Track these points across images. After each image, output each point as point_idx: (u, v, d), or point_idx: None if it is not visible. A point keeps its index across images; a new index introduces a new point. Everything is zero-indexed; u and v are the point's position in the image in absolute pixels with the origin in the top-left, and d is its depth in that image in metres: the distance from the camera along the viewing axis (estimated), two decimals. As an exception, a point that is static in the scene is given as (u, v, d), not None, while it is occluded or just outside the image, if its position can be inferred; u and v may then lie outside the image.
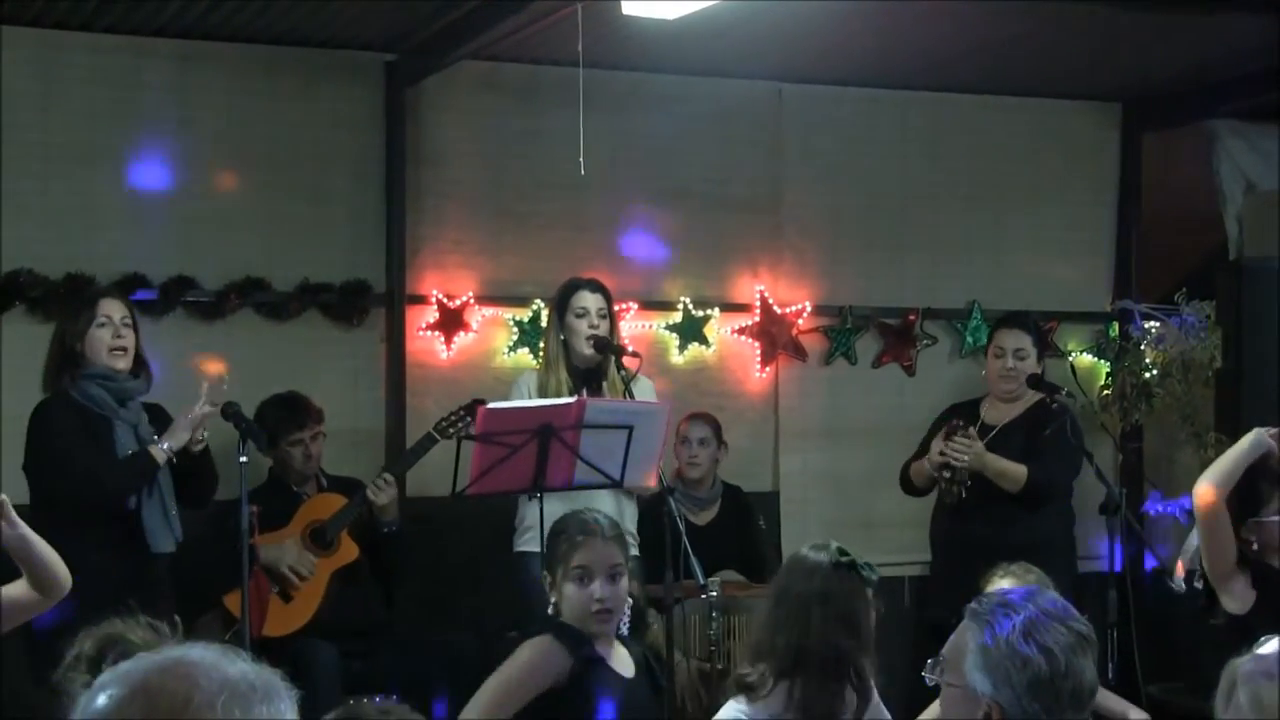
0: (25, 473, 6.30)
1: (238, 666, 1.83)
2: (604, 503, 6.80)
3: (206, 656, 1.83)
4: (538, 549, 6.33)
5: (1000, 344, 7.87)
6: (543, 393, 6.80)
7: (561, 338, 6.97)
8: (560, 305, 7.02)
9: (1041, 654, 3.20)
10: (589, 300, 6.97)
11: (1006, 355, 7.73)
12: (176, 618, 2.92)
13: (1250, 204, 9.45)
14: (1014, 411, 7.54)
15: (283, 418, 7.21)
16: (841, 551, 4.69)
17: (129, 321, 6.38)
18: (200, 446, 6.33)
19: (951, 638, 3.40)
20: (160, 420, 6.39)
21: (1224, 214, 9.48)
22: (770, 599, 4.83)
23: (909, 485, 7.70)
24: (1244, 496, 5.69)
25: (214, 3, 7.10)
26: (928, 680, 3.46)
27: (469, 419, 6.98)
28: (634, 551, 6.90)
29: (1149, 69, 8.76)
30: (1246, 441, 5.66)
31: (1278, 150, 9.45)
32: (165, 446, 6.20)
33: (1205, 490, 5.57)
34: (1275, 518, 5.70)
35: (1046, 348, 7.76)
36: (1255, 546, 5.70)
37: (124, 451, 6.21)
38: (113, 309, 6.36)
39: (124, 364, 6.32)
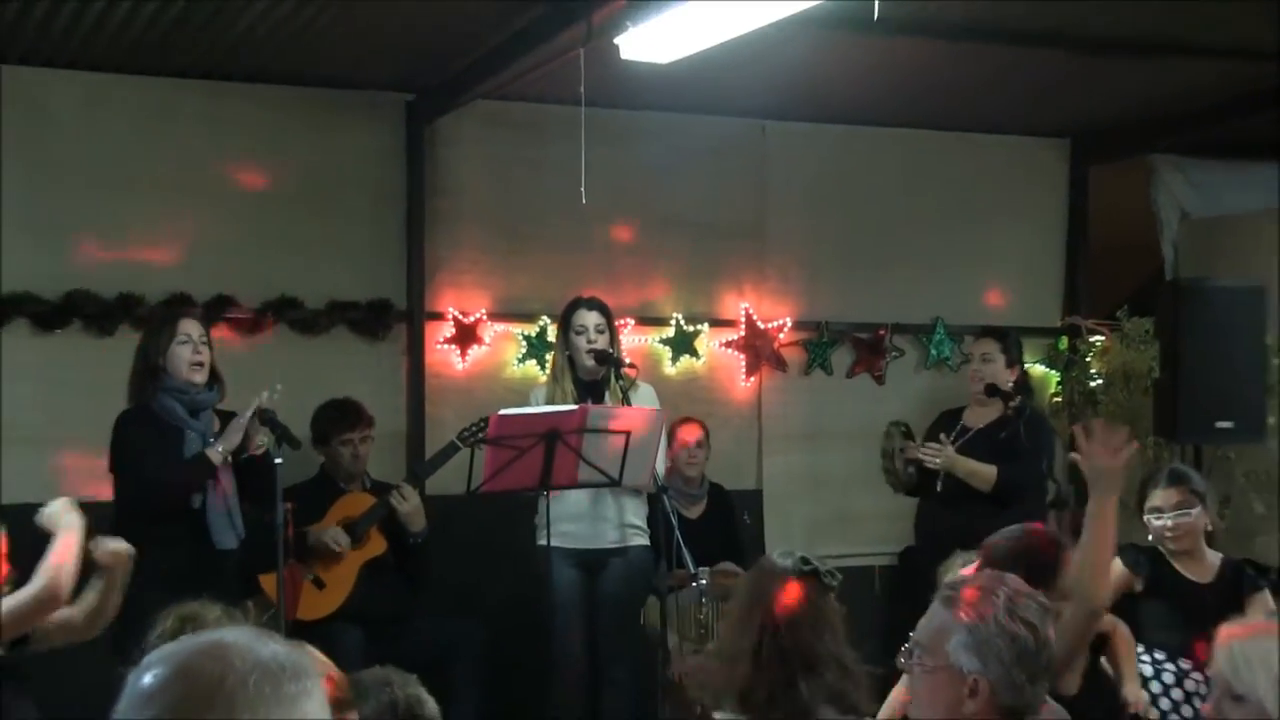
0: (111, 473, 6.26)
1: (270, 648, 1.80)
2: (605, 498, 6.79)
3: (241, 639, 1.80)
4: (545, 542, 6.45)
5: (972, 350, 7.89)
6: (550, 402, 6.77)
7: (566, 352, 6.95)
8: (564, 323, 7.01)
9: (1026, 629, 3.21)
10: (587, 318, 6.95)
11: (974, 360, 7.70)
12: (249, 603, 2.89)
13: (1185, 230, 9.51)
14: (990, 415, 7.49)
15: (334, 419, 7.24)
16: (804, 560, 4.58)
17: (205, 339, 6.38)
18: (261, 450, 6.28)
19: (924, 623, 3.35)
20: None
21: (1161, 239, 9.52)
22: (737, 602, 4.73)
23: (895, 483, 7.65)
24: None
25: (254, 49, 7.07)
26: (901, 665, 3.42)
27: (484, 427, 6.96)
28: (641, 540, 6.89)
29: (1095, 109, 8.78)
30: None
31: (1209, 182, 9.48)
32: (220, 449, 6.16)
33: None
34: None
35: (1021, 358, 7.70)
36: None
37: (192, 455, 6.20)
38: (192, 328, 6.35)
39: (201, 378, 6.31)
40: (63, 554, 4.59)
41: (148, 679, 1.75)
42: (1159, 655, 5.73)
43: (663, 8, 5.70)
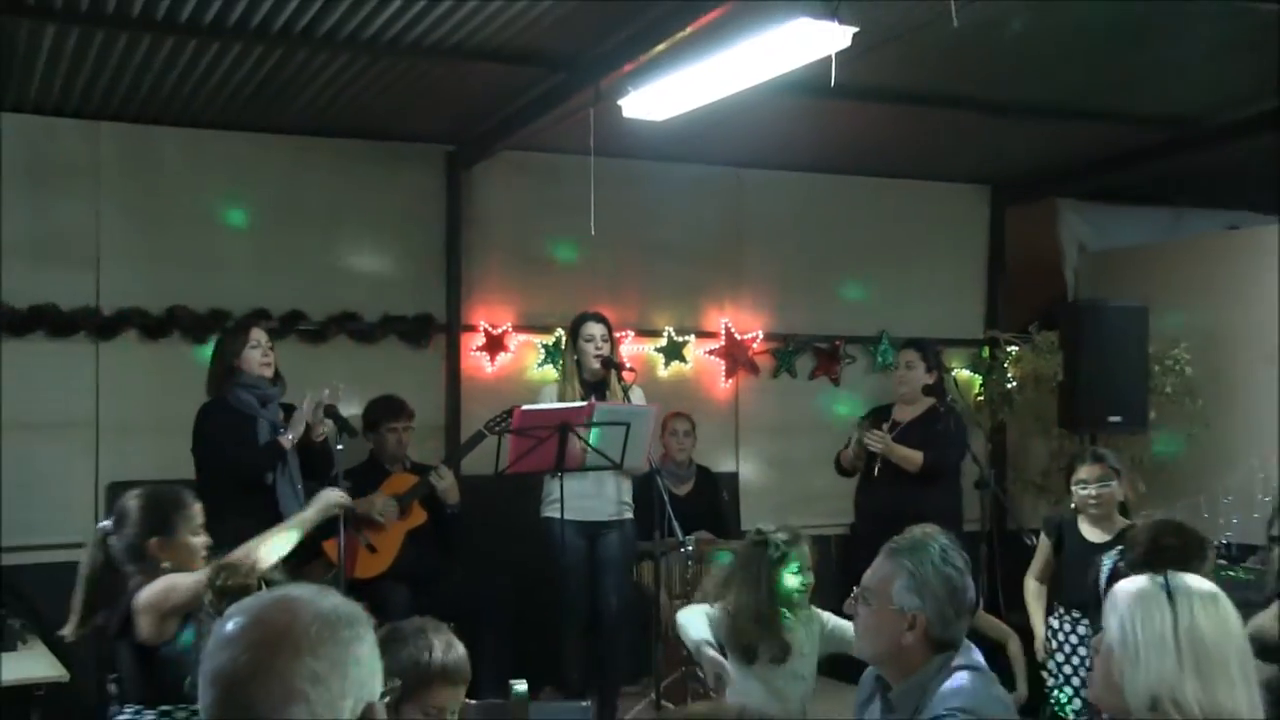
0: (193, 455, 6.22)
1: (330, 601, 1.84)
2: (607, 480, 6.73)
3: (305, 594, 1.85)
4: (557, 515, 6.42)
5: (898, 359, 7.79)
6: (561, 400, 6.72)
7: (575, 358, 6.89)
8: (574, 333, 6.97)
9: (956, 571, 3.30)
10: (595, 329, 6.92)
11: (900, 366, 7.63)
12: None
13: (1083, 261, 9.51)
14: (916, 412, 7.44)
15: (383, 411, 7.17)
16: (758, 531, 4.90)
17: (270, 345, 6.41)
18: (321, 437, 6.29)
19: (870, 573, 3.39)
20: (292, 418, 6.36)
21: (1064, 268, 9.50)
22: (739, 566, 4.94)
23: (840, 468, 7.59)
24: None
25: (321, 108, 7.03)
26: (848, 609, 3.50)
27: (508, 419, 6.93)
28: (629, 515, 6.84)
29: (1011, 161, 8.77)
30: None
31: (1103, 222, 9.49)
32: (289, 437, 6.16)
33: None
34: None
35: (939, 365, 7.65)
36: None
37: (263, 440, 6.20)
38: (260, 335, 6.40)
39: (269, 373, 6.33)
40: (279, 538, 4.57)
41: (230, 626, 1.80)
42: (1075, 614, 5.64)
43: (658, 75, 5.70)
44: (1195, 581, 2.75)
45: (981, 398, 8.95)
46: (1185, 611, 2.66)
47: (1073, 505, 5.84)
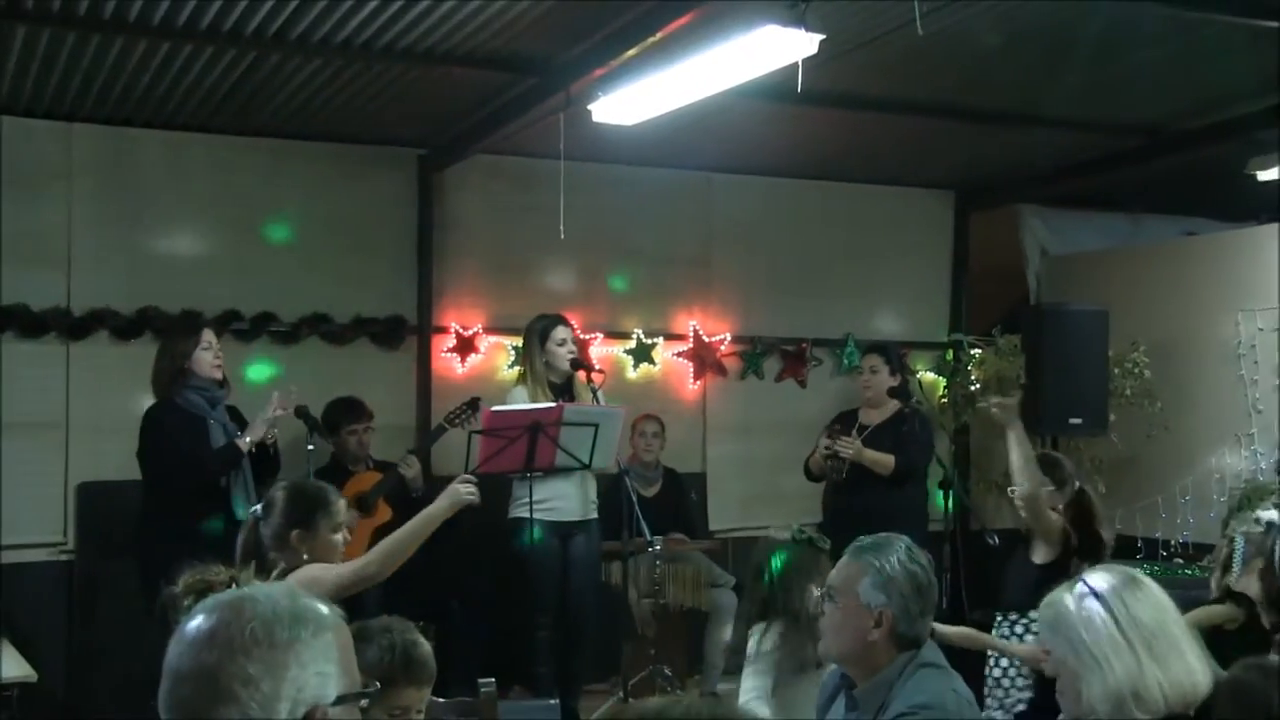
0: (139, 459, 6.12)
1: (283, 603, 1.83)
2: (577, 480, 6.73)
3: (261, 594, 1.85)
4: (527, 514, 6.41)
5: (863, 363, 7.82)
6: (531, 401, 6.70)
7: (544, 359, 6.86)
8: (544, 335, 6.91)
9: (920, 569, 3.36)
10: (565, 332, 6.93)
11: (865, 371, 7.65)
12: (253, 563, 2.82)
13: (1045, 265, 9.54)
14: (884, 415, 7.46)
15: (342, 413, 7.16)
16: (800, 530, 4.55)
17: (219, 347, 6.29)
18: (272, 440, 6.20)
19: (836, 572, 3.44)
20: (236, 419, 6.24)
21: (1027, 272, 9.55)
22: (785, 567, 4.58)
23: (809, 473, 7.59)
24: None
25: (294, 111, 7.02)
26: (814, 609, 3.59)
27: (469, 412, 7.00)
28: (594, 515, 6.83)
29: (974, 167, 8.82)
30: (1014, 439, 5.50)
31: (1064, 227, 9.56)
32: (247, 440, 6.05)
33: (1023, 489, 5.43)
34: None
35: (903, 368, 7.68)
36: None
37: (216, 443, 6.06)
38: (211, 337, 6.27)
39: (220, 375, 6.21)
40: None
41: (188, 623, 1.82)
42: (1013, 615, 5.49)
43: (628, 80, 5.71)
44: (1111, 574, 2.81)
45: (945, 400, 8.99)
46: (1119, 604, 2.71)
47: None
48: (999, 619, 5.55)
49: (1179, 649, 2.73)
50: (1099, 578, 2.79)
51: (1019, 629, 5.43)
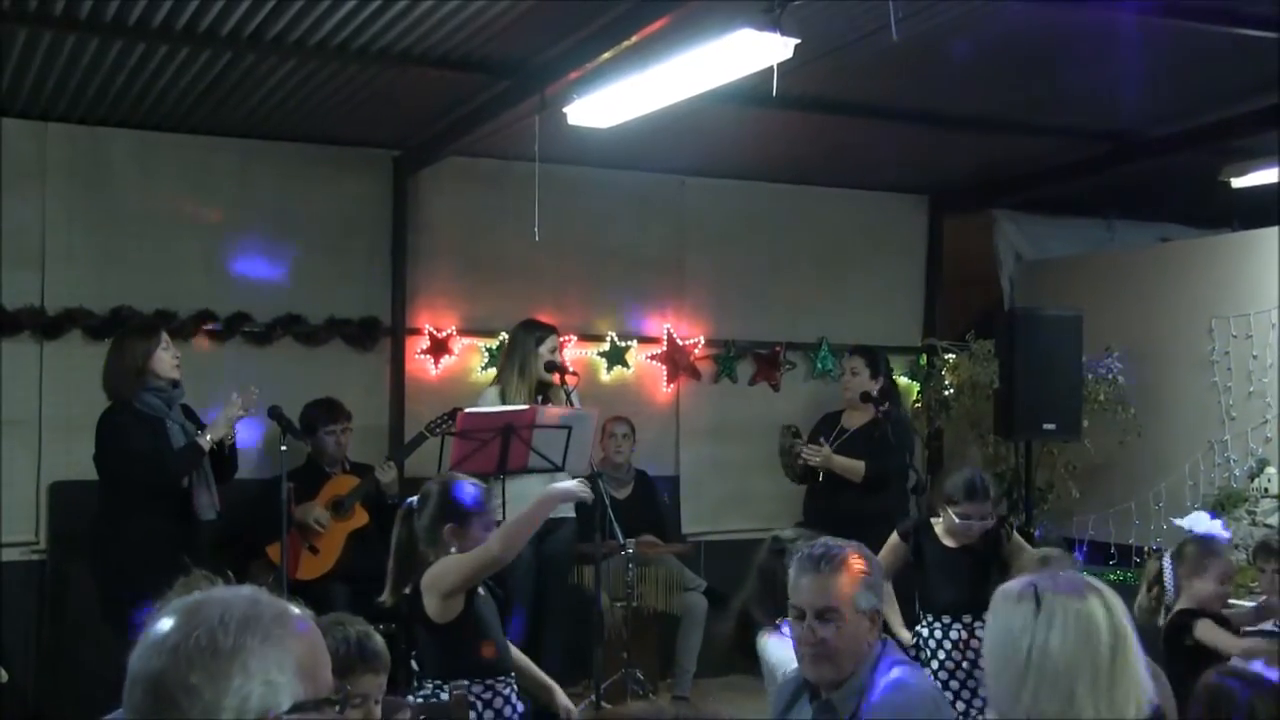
0: (95, 463, 6.06)
1: (234, 609, 1.80)
2: (543, 480, 6.74)
3: (216, 598, 1.83)
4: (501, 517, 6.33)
5: (844, 365, 7.90)
6: (508, 402, 6.72)
7: (526, 363, 6.90)
8: (536, 342, 6.97)
9: (880, 566, 3.58)
10: (555, 342, 7.03)
11: (846, 373, 7.72)
12: (229, 571, 2.81)
13: (1019, 270, 9.60)
14: (862, 419, 7.49)
15: (320, 413, 7.17)
16: (776, 539, 4.44)
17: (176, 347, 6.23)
18: (231, 440, 6.13)
19: (822, 593, 3.37)
20: (191, 418, 6.15)
21: (1000, 276, 9.60)
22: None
23: (790, 473, 7.63)
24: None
25: (269, 111, 7.02)
26: (816, 638, 3.36)
27: (449, 421, 7.00)
28: (571, 514, 6.85)
29: (948, 172, 8.86)
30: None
31: (1038, 232, 9.61)
32: (208, 439, 5.98)
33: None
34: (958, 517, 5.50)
35: (884, 371, 7.71)
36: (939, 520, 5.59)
37: (176, 443, 5.98)
38: (167, 338, 6.17)
39: (178, 375, 6.12)
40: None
41: (160, 623, 1.80)
42: (946, 619, 5.44)
43: (603, 83, 5.72)
44: (1067, 588, 2.59)
45: (919, 404, 9.02)
46: (1043, 623, 2.52)
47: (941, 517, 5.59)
48: (929, 620, 5.53)
49: (1123, 680, 2.51)
50: (1053, 581, 2.59)
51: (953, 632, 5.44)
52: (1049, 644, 2.50)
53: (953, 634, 5.43)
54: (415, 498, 4.43)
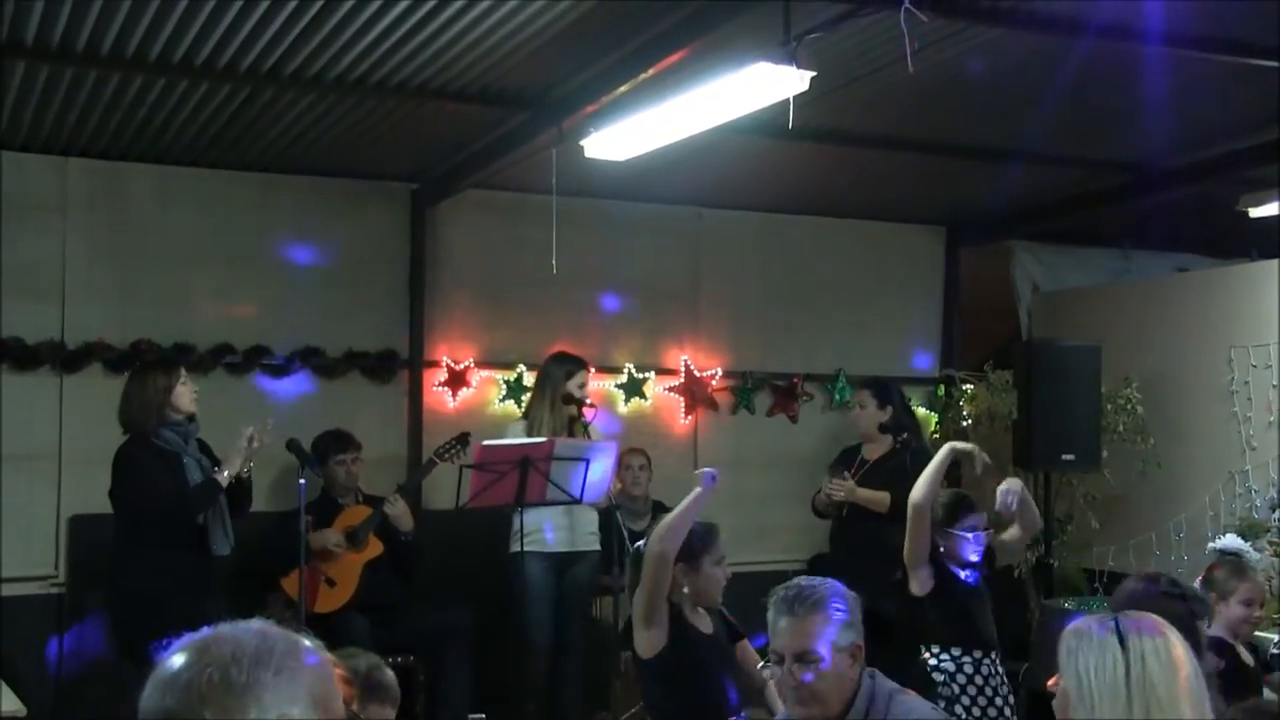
0: (111, 497, 6.04)
1: (245, 645, 1.78)
2: (578, 511, 6.76)
3: (227, 634, 1.80)
4: (531, 548, 6.64)
5: (852, 400, 7.90)
6: (538, 434, 6.74)
7: (557, 398, 6.93)
8: (565, 376, 6.99)
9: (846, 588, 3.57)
10: (584, 377, 7.05)
11: (854, 408, 7.71)
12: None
13: (1036, 301, 9.57)
14: (880, 450, 7.47)
15: (331, 444, 7.16)
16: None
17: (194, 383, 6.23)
18: (247, 474, 6.11)
19: (799, 639, 3.42)
20: (207, 453, 6.13)
21: (1018, 307, 9.58)
22: None
23: (815, 512, 7.59)
24: (948, 509, 5.52)
25: (287, 145, 7.07)
26: (805, 682, 3.42)
27: (459, 446, 7.05)
28: (597, 546, 6.87)
29: (966, 203, 8.86)
30: (941, 453, 5.49)
31: (1055, 263, 9.59)
32: (225, 474, 5.96)
33: (915, 496, 5.44)
34: (960, 531, 5.50)
35: (894, 402, 7.69)
36: (942, 550, 5.53)
37: (192, 477, 5.96)
38: (185, 373, 6.16)
39: (195, 409, 6.11)
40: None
41: (172, 659, 1.78)
42: (955, 650, 5.38)
43: (620, 116, 5.74)
44: (1144, 621, 2.69)
45: (937, 435, 9.00)
46: (1136, 655, 2.62)
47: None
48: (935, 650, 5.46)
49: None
50: (1133, 621, 2.67)
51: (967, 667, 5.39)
52: (1149, 673, 2.59)
53: (967, 668, 5.38)
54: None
